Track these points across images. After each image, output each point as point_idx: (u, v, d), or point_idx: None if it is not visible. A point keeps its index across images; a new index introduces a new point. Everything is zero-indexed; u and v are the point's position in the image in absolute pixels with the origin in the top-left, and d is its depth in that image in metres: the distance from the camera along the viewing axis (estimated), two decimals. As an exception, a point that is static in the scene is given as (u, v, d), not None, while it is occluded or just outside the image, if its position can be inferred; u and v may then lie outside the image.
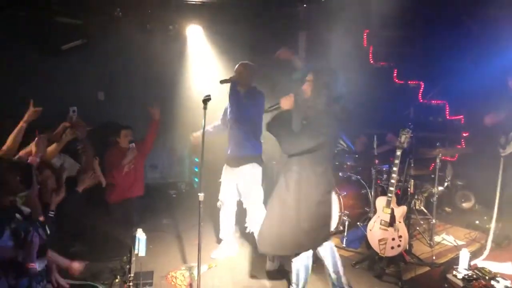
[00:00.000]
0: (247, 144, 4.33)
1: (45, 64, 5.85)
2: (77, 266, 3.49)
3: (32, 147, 3.42)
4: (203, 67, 6.62)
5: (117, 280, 3.60)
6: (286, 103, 3.25)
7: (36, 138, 3.38)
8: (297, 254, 3.43)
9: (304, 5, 5.95)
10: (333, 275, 3.55)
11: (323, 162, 3.26)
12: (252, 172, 4.34)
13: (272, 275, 4.12)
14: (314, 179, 3.22)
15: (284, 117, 3.25)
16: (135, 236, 3.73)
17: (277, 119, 3.27)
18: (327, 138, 3.17)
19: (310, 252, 3.46)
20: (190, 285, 3.98)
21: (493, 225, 4.75)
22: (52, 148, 3.97)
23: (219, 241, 4.72)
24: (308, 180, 3.21)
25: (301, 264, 3.47)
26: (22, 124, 3.60)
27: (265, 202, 4.27)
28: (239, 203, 4.55)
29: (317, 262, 3.64)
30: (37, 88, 5.62)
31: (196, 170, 7.30)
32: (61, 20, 5.55)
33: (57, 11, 5.46)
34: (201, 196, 3.43)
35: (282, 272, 4.11)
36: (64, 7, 5.47)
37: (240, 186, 4.41)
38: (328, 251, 3.54)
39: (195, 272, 3.98)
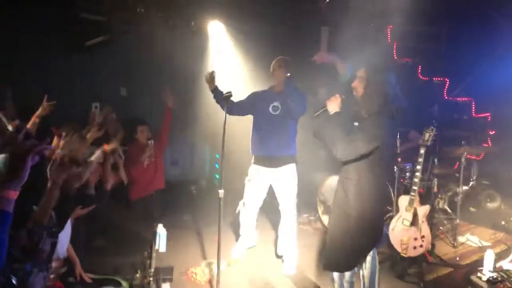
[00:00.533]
0: (291, 143, 4.14)
1: (69, 60, 5.93)
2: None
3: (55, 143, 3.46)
4: (225, 63, 6.62)
5: (138, 275, 3.62)
6: (333, 105, 3.03)
7: (59, 137, 3.42)
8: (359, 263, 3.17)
9: (327, 1, 5.87)
10: (366, 283, 3.26)
11: (381, 164, 2.99)
12: (293, 173, 4.15)
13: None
14: (373, 184, 2.99)
15: (333, 121, 3.00)
16: (155, 232, 3.76)
17: (326, 123, 3.04)
18: (384, 140, 2.94)
19: None
20: (210, 281, 4.00)
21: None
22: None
23: (238, 238, 4.71)
24: (368, 186, 2.98)
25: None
26: (34, 120, 3.65)
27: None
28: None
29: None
30: (60, 84, 5.72)
31: (217, 166, 7.32)
32: (85, 16, 5.61)
33: (81, 8, 5.54)
34: (221, 193, 3.42)
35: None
36: (88, 3, 5.54)
37: (278, 187, 4.21)
38: (369, 257, 3.23)
39: (214, 268, 3.99)
